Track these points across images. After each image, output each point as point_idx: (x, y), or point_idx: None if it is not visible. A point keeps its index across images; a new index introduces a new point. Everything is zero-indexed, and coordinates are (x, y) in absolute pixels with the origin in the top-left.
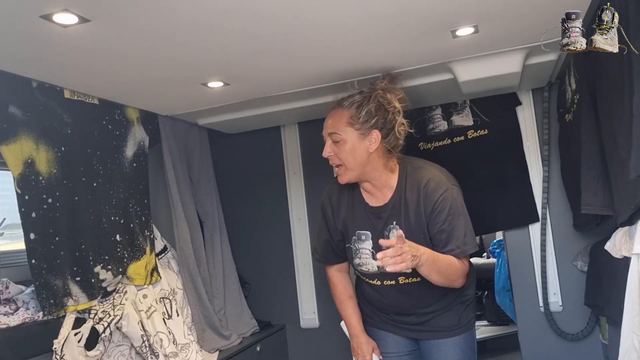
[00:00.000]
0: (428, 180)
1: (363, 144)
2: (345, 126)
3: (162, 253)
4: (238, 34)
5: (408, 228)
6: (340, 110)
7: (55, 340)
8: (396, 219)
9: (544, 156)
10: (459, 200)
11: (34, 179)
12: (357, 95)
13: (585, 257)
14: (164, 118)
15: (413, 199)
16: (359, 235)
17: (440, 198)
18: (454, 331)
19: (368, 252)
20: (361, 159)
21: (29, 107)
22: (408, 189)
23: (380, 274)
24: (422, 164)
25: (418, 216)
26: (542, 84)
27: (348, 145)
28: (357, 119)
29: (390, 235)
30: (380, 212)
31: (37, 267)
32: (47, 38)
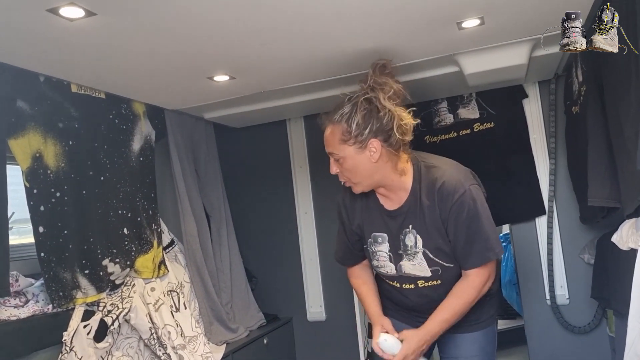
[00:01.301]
0: (443, 182)
1: (364, 157)
2: (339, 144)
3: (170, 247)
4: (243, 27)
5: (425, 232)
6: (331, 126)
7: (65, 333)
8: (412, 222)
9: (551, 149)
10: (478, 201)
11: (42, 173)
12: (345, 104)
13: (592, 250)
14: (170, 112)
15: (428, 202)
16: (375, 237)
17: (455, 203)
18: (474, 326)
19: (385, 255)
20: (366, 171)
21: (37, 102)
22: (423, 191)
23: (399, 276)
24: (435, 162)
25: (434, 220)
26: (549, 76)
27: (349, 163)
28: (348, 133)
29: (407, 240)
30: (395, 215)
31: (47, 260)
32: (54, 32)
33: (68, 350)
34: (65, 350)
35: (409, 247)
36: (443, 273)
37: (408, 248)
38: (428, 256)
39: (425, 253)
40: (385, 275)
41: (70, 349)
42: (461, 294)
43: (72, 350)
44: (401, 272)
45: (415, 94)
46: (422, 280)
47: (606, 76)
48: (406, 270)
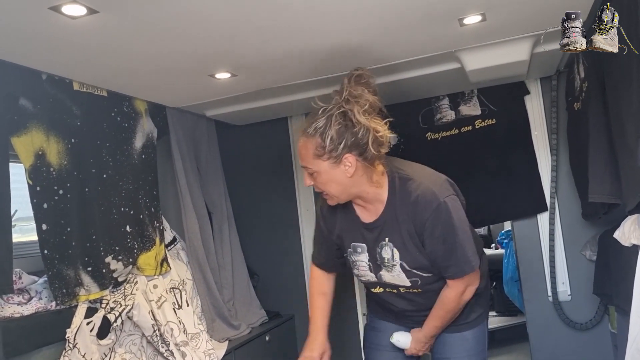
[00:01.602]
0: (417, 195)
1: (338, 172)
2: (313, 159)
3: (172, 244)
4: (245, 24)
5: (401, 245)
6: (305, 139)
7: (68, 330)
8: (389, 235)
9: (553, 145)
10: (454, 213)
11: (45, 171)
12: (319, 117)
13: (593, 247)
14: (171, 110)
15: (404, 215)
16: (355, 247)
17: (431, 216)
18: (462, 326)
19: (365, 264)
20: (341, 185)
21: (39, 100)
22: (398, 203)
23: (381, 283)
24: (411, 173)
25: (411, 233)
26: (551, 72)
27: (323, 177)
28: (322, 148)
29: (383, 252)
30: (372, 227)
31: (50, 258)
32: (56, 30)
33: (71, 347)
34: (68, 347)
35: (386, 259)
36: (423, 283)
37: (385, 261)
38: (405, 268)
39: (402, 265)
40: (367, 283)
41: (73, 346)
42: (442, 305)
43: (75, 347)
44: (382, 280)
45: (416, 90)
46: (403, 288)
47: (608, 72)
48: (386, 279)
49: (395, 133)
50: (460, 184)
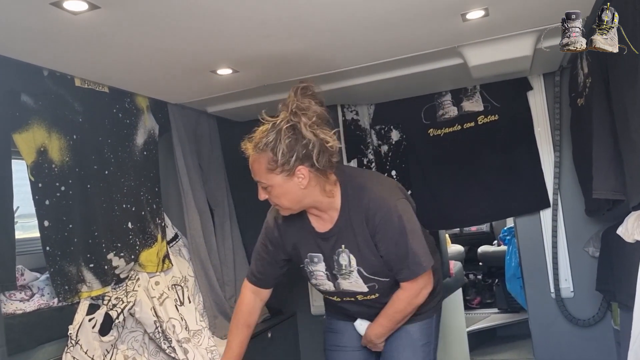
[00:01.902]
0: (368, 202)
1: (292, 184)
2: (266, 173)
3: (173, 241)
4: (246, 19)
5: (357, 251)
6: (257, 155)
7: (71, 326)
8: (344, 242)
9: (556, 141)
10: (405, 217)
11: (47, 167)
12: (269, 132)
13: (596, 243)
14: (173, 106)
15: (357, 222)
16: (312, 257)
17: (381, 221)
18: (411, 319)
19: (322, 274)
20: (296, 197)
21: (41, 96)
22: (352, 211)
23: (338, 292)
24: (362, 182)
25: (365, 239)
26: (554, 68)
27: (277, 190)
28: (274, 162)
29: (340, 259)
30: (327, 237)
31: (52, 254)
32: (57, 25)
33: (74, 343)
34: (70, 343)
35: (344, 266)
36: (380, 287)
37: (342, 267)
38: (362, 274)
39: (360, 271)
40: (325, 292)
41: (75, 342)
42: (393, 304)
43: (77, 343)
44: (339, 289)
45: (418, 86)
46: (360, 295)
47: (612, 68)
48: (344, 287)
49: (398, 129)
50: (463, 180)
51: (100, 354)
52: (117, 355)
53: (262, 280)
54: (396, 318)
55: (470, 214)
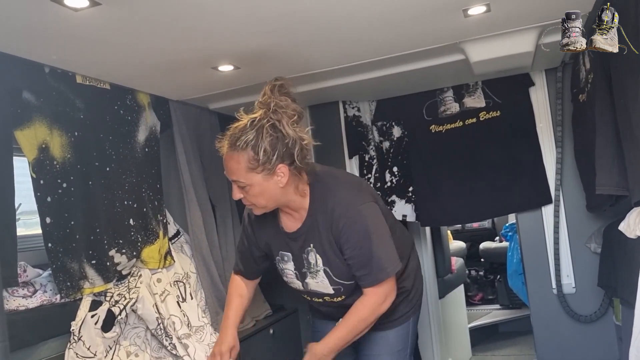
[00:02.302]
0: (333, 205)
1: (271, 183)
2: (246, 172)
3: (175, 237)
4: (247, 16)
5: (323, 252)
6: (235, 153)
7: (73, 322)
8: (312, 241)
9: (558, 137)
10: (370, 221)
11: (48, 164)
12: (248, 129)
13: (598, 239)
14: (174, 103)
15: (323, 223)
16: (282, 255)
17: (345, 224)
18: (385, 325)
19: (292, 272)
20: (273, 196)
21: (42, 93)
22: (318, 214)
23: (307, 292)
24: (330, 183)
25: (330, 242)
26: (556, 64)
27: (256, 189)
28: (256, 161)
29: (309, 258)
30: (295, 237)
31: (54, 251)
32: (58, 22)
33: (76, 339)
34: (73, 339)
35: (312, 264)
36: (345, 290)
37: (311, 266)
38: (329, 274)
39: (326, 271)
40: (296, 290)
41: (78, 339)
42: (356, 312)
43: (80, 339)
44: (307, 288)
45: (420, 82)
46: (327, 297)
47: (614, 64)
48: (311, 287)
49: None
50: (464, 176)
51: (102, 350)
52: (120, 352)
53: (245, 272)
54: (358, 329)
55: (472, 210)
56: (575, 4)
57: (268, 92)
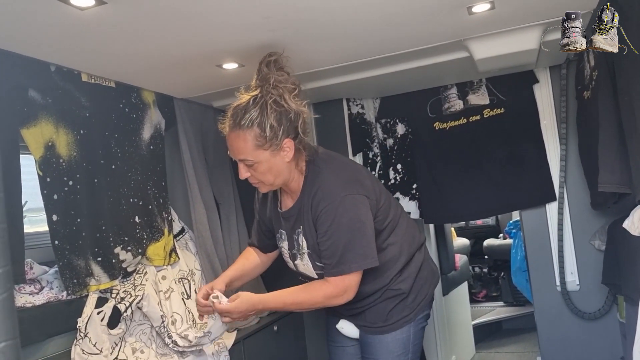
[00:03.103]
0: (317, 189)
1: (279, 158)
2: (254, 150)
3: (180, 235)
4: (251, 14)
5: (306, 234)
6: (241, 132)
7: (79, 319)
8: (301, 223)
9: (562, 134)
10: (348, 213)
11: (55, 162)
12: (251, 107)
13: (602, 236)
14: (179, 101)
15: (308, 206)
16: (280, 233)
17: (323, 210)
18: (382, 328)
19: (286, 252)
20: (280, 171)
21: (48, 91)
22: (306, 196)
23: (298, 273)
24: (322, 167)
25: (310, 226)
26: (560, 61)
27: (264, 166)
28: (263, 138)
29: (299, 239)
30: (287, 216)
31: (60, 248)
32: (65, 21)
33: (82, 336)
34: (79, 336)
35: (301, 246)
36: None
37: (300, 247)
38: (312, 258)
39: (310, 255)
40: (291, 271)
41: (84, 335)
42: (310, 290)
43: (86, 336)
44: (298, 269)
45: (424, 80)
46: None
47: (618, 61)
48: (300, 268)
49: (403, 123)
50: (468, 173)
51: (108, 347)
52: (126, 348)
53: (258, 244)
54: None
55: (475, 208)
56: (580, 1)
57: (265, 68)
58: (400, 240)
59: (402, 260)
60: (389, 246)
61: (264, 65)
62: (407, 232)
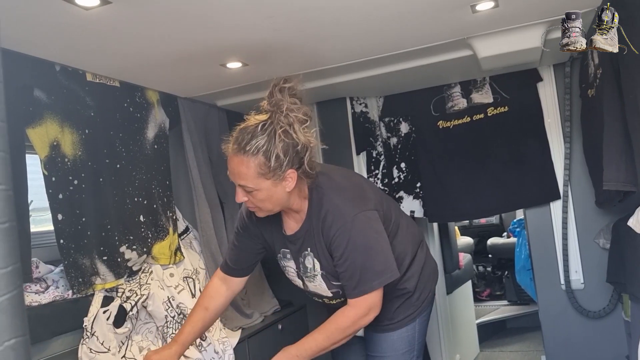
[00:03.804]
0: (326, 213)
1: (280, 188)
2: (255, 177)
3: (184, 234)
4: (254, 13)
5: (319, 257)
6: (245, 158)
7: (85, 318)
8: (309, 245)
9: (566, 133)
10: (361, 233)
11: (60, 161)
12: (259, 134)
13: (607, 235)
14: (183, 100)
15: (317, 229)
16: (284, 253)
17: (336, 234)
18: (387, 326)
19: (293, 271)
20: (280, 200)
21: (53, 91)
22: (314, 219)
23: (307, 291)
24: (327, 189)
25: (323, 249)
26: (564, 59)
27: (263, 194)
28: (267, 168)
29: (306, 262)
30: (294, 239)
31: (66, 247)
32: (69, 20)
33: (89, 335)
34: (86, 335)
35: (309, 269)
36: (344, 293)
37: (308, 270)
38: (326, 278)
39: (324, 275)
40: (297, 287)
41: (91, 334)
42: (336, 320)
43: (93, 335)
44: (307, 289)
45: (427, 78)
46: (326, 299)
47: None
48: (310, 288)
49: (407, 121)
50: (472, 172)
51: (115, 345)
52: (132, 347)
53: (234, 269)
54: (335, 337)
55: (479, 206)
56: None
57: (278, 94)
58: (404, 240)
59: (407, 260)
60: (394, 248)
61: (277, 90)
62: (408, 231)
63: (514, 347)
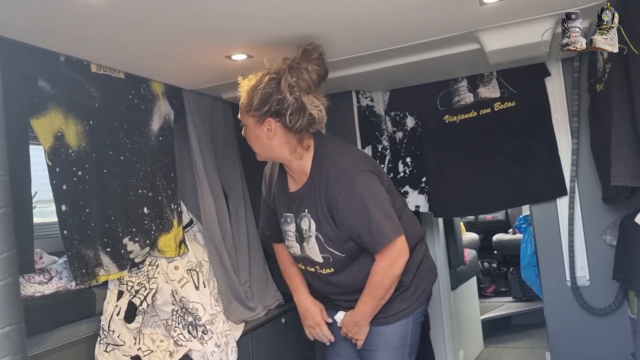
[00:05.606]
0: (329, 171)
1: (261, 131)
2: (244, 112)
3: (189, 226)
4: (262, 4)
5: (317, 218)
6: (245, 93)
7: (102, 317)
8: (308, 206)
9: (573, 128)
10: (365, 189)
11: (64, 152)
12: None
13: (614, 231)
14: (188, 92)
15: (319, 190)
16: (285, 217)
17: (341, 191)
18: (381, 320)
19: (292, 234)
20: (262, 145)
21: (58, 81)
22: (316, 179)
23: (303, 258)
24: (332, 151)
25: (323, 208)
26: (572, 53)
27: (249, 132)
28: (249, 105)
29: (302, 224)
30: (294, 197)
31: (69, 238)
32: (74, 11)
33: (106, 334)
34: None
35: (304, 230)
36: (334, 262)
37: (303, 231)
38: (320, 241)
39: (318, 237)
40: (293, 256)
41: (109, 331)
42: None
43: (110, 331)
44: (304, 252)
45: (434, 72)
46: (317, 266)
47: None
48: (306, 251)
49: (413, 116)
50: (478, 167)
51: (130, 338)
52: (145, 339)
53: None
54: (378, 293)
55: (485, 202)
56: None
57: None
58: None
59: None
60: None
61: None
62: (408, 224)
63: (518, 343)
